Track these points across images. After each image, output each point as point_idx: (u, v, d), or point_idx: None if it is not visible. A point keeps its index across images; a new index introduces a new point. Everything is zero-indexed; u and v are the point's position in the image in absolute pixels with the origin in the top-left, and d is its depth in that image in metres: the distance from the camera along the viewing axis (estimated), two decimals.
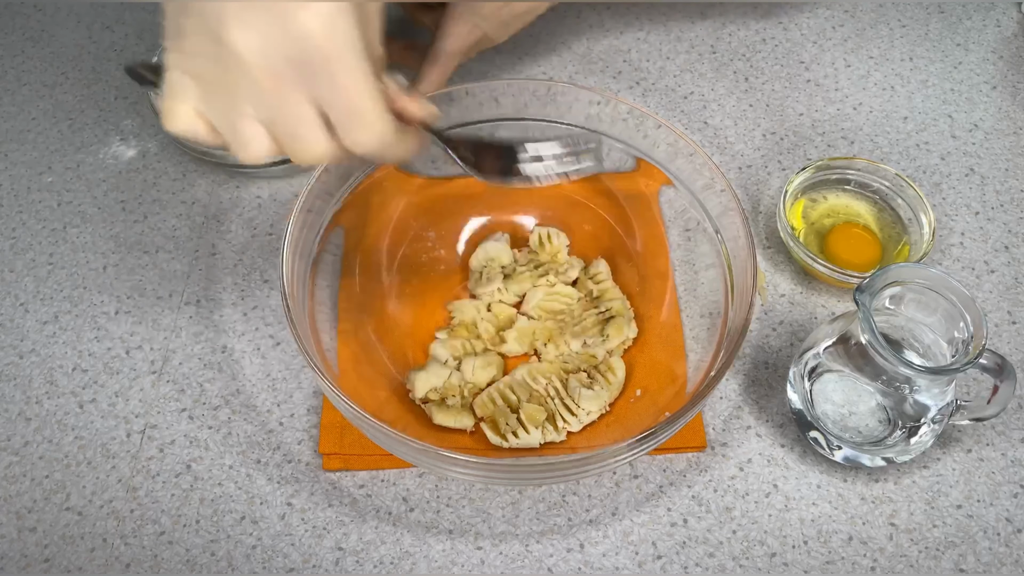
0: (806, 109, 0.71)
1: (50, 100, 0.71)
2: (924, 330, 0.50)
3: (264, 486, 0.52)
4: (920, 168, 0.67)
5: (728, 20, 0.77)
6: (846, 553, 0.50)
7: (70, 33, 0.75)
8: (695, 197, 0.57)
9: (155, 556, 0.50)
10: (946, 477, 0.53)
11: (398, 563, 0.49)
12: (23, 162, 0.67)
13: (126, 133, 0.69)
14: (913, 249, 0.60)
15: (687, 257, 0.58)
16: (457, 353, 0.55)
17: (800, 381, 0.53)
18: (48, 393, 0.56)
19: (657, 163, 0.58)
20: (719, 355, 0.51)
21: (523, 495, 0.52)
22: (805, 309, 0.60)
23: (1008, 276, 0.61)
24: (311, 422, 0.54)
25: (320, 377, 0.46)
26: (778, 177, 0.67)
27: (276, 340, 0.58)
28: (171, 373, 0.56)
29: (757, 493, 0.52)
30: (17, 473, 0.53)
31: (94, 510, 0.51)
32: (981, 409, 0.49)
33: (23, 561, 0.50)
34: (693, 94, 0.72)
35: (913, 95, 0.72)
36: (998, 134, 0.69)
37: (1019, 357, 0.58)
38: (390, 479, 0.52)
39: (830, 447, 0.51)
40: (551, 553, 0.50)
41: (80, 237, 0.63)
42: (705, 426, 0.54)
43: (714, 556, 0.50)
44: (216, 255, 0.62)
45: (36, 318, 0.59)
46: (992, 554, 0.50)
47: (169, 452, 0.53)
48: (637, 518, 0.51)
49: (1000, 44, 0.76)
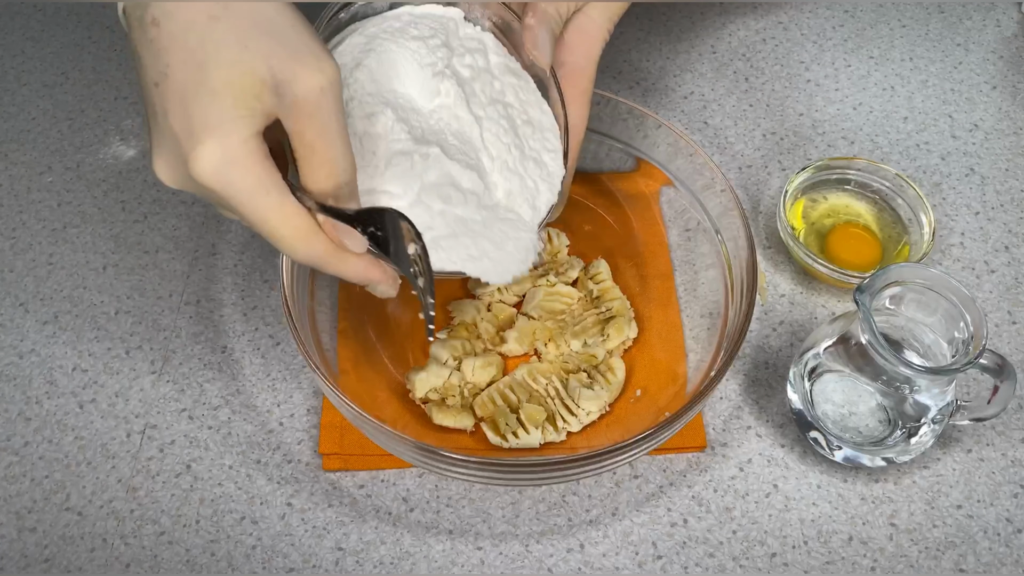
0: (806, 109, 0.71)
1: (50, 100, 0.71)
2: (924, 330, 0.50)
3: (264, 486, 0.52)
4: (920, 168, 0.67)
5: (728, 20, 0.77)
6: (846, 553, 0.50)
7: (70, 33, 0.75)
8: (695, 197, 0.57)
9: (155, 556, 0.50)
10: (946, 477, 0.53)
11: (398, 563, 0.49)
12: (23, 162, 0.67)
13: (126, 133, 0.69)
14: (913, 249, 0.60)
15: (687, 257, 0.58)
16: (457, 353, 0.55)
17: (800, 381, 0.53)
18: (48, 393, 0.56)
19: (657, 163, 0.58)
20: (719, 355, 0.51)
21: (523, 495, 0.52)
22: (805, 309, 0.60)
23: (1008, 276, 0.61)
24: (311, 422, 0.54)
25: (320, 377, 0.46)
26: (778, 177, 0.67)
27: (276, 340, 0.58)
28: (171, 373, 0.56)
29: (757, 493, 0.52)
30: (17, 473, 0.53)
31: (94, 510, 0.51)
32: (981, 409, 0.49)
33: (23, 561, 0.50)
34: (693, 94, 0.72)
35: (913, 95, 0.72)
36: (998, 134, 0.69)
37: (1019, 357, 0.58)
38: (390, 479, 0.52)
39: (830, 447, 0.51)
40: (551, 553, 0.50)
41: (80, 237, 0.63)
42: (705, 426, 0.54)
43: (714, 556, 0.50)
44: (216, 255, 0.62)
45: (36, 318, 0.59)
46: (992, 554, 0.50)
47: (169, 452, 0.53)
48: (637, 518, 0.51)
49: (1000, 44, 0.76)
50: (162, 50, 0.36)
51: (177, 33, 0.36)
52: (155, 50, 0.37)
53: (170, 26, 0.36)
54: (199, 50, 0.36)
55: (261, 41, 0.36)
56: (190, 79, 0.36)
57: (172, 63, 0.36)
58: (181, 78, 0.36)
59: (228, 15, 0.36)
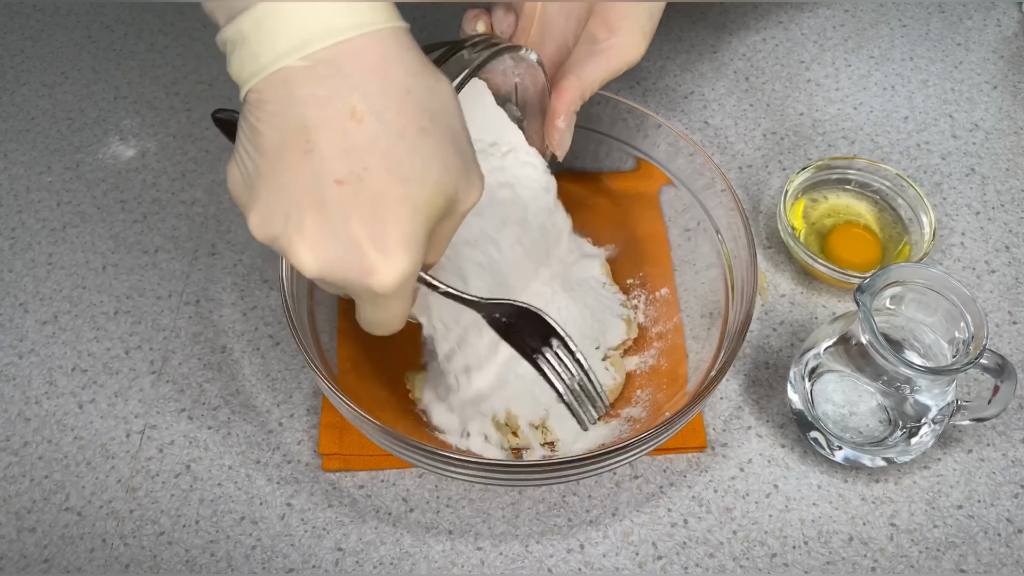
0: (807, 109, 0.71)
1: (49, 100, 0.71)
2: (925, 330, 0.50)
3: (264, 486, 0.52)
4: (921, 168, 0.67)
5: (728, 20, 0.77)
6: (847, 553, 0.50)
7: (70, 33, 0.75)
8: (695, 197, 0.57)
9: (155, 556, 0.50)
10: (947, 477, 0.53)
11: (398, 563, 0.49)
12: (23, 162, 0.67)
13: (125, 133, 0.69)
14: (914, 249, 0.60)
15: (687, 257, 0.58)
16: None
17: (801, 381, 0.53)
18: (47, 393, 0.55)
19: (657, 163, 0.58)
20: (719, 355, 0.51)
21: (523, 495, 0.52)
22: (805, 309, 0.60)
23: (1009, 276, 0.61)
24: (311, 422, 0.54)
25: (320, 377, 0.46)
26: (778, 177, 0.67)
27: (276, 340, 0.58)
28: (170, 373, 0.56)
29: (757, 493, 0.52)
30: (16, 473, 0.52)
31: (93, 510, 0.51)
32: (982, 409, 0.49)
33: (22, 562, 0.49)
34: (693, 94, 0.72)
35: (914, 95, 0.72)
36: (999, 134, 0.69)
37: (1020, 357, 0.57)
38: (390, 479, 0.52)
39: (830, 447, 0.51)
40: (551, 554, 0.50)
41: (79, 237, 0.63)
42: (705, 426, 0.54)
43: (714, 556, 0.50)
44: (216, 255, 0.62)
45: (35, 318, 0.59)
46: (993, 554, 0.50)
47: (168, 452, 0.53)
48: (637, 518, 0.51)
49: (1001, 44, 0.76)
50: (361, 149, 0.35)
51: (383, 137, 0.35)
52: (350, 145, 0.35)
53: (376, 128, 0.35)
54: (406, 162, 0.35)
55: (455, 161, 0.37)
56: (392, 190, 0.35)
57: (372, 167, 0.35)
58: (381, 185, 0.35)
59: (434, 128, 0.36)
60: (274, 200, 0.36)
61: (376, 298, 0.38)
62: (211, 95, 0.71)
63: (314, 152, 0.35)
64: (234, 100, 0.70)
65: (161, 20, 0.76)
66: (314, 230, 0.36)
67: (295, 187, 0.35)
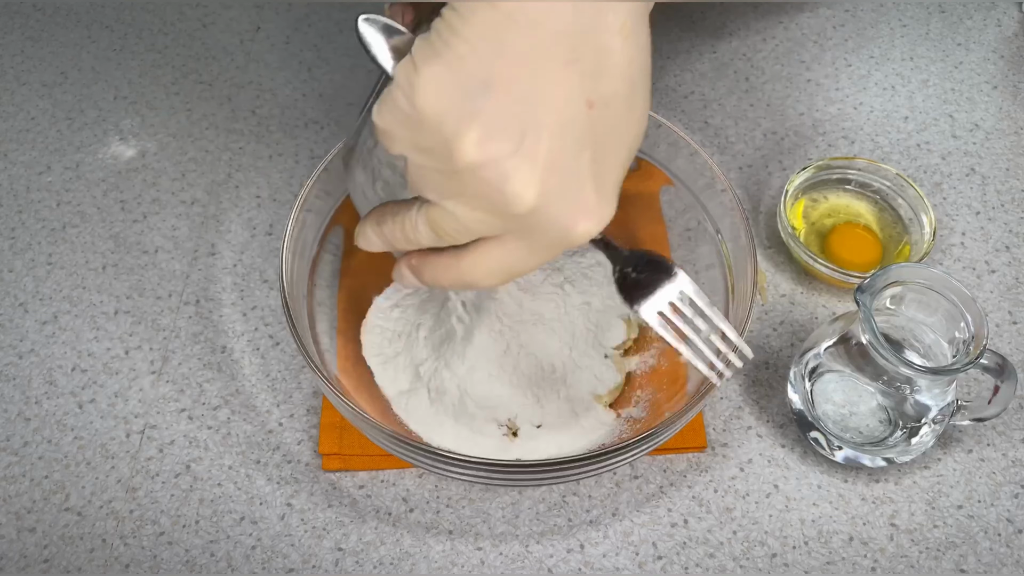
0: (807, 109, 0.71)
1: (49, 100, 0.71)
2: (925, 330, 0.50)
3: (264, 486, 0.52)
4: (921, 168, 0.67)
5: (728, 20, 0.77)
6: (847, 554, 0.50)
7: (70, 33, 0.75)
8: (695, 197, 0.57)
9: (155, 556, 0.50)
10: (947, 477, 0.53)
11: (398, 564, 0.49)
12: (22, 162, 0.67)
13: (125, 133, 0.69)
14: (914, 249, 0.60)
15: (687, 257, 0.58)
16: None
17: (801, 381, 0.53)
18: (47, 393, 0.55)
19: (657, 163, 0.58)
20: (719, 355, 0.50)
21: (523, 495, 0.52)
22: (806, 309, 0.60)
23: (1009, 276, 0.61)
24: (311, 422, 0.54)
25: (320, 377, 0.46)
26: (778, 177, 0.67)
27: (275, 340, 0.58)
28: (170, 373, 0.56)
29: (758, 493, 0.52)
30: (16, 473, 0.52)
31: (93, 510, 0.51)
32: (982, 409, 0.49)
33: (22, 562, 0.49)
34: (693, 94, 0.72)
35: (914, 95, 0.72)
36: (999, 134, 0.69)
37: (1020, 357, 0.57)
38: (390, 479, 0.52)
39: (831, 447, 0.51)
40: (551, 554, 0.50)
41: (79, 237, 0.63)
42: (705, 426, 0.54)
43: (714, 557, 0.50)
44: (216, 255, 0.62)
45: (35, 318, 0.59)
46: (993, 555, 0.50)
47: (168, 452, 0.53)
48: (637, 518, 0.51)
49: (1001, 44, 0.76)
50: (618, 71, 0.32)
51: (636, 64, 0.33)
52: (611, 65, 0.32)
53: (633, 52, 0.33)
54: (639, 100, 0.33)
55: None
56: (622, 128, 0.33)
57: (620, 95, 0.32)
58: (618, 120, 0.32)
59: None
60: (512, 114, 0.30)
61: (542, 247, 0.34)
62: (211, 95, 0.71)
63: (578, 64, 0.30)
64: (234, 101, 0.70)
65: (161, 20, 0.76)
66: (548, 155, 0.31)
67: (544, 101, 0.30)
